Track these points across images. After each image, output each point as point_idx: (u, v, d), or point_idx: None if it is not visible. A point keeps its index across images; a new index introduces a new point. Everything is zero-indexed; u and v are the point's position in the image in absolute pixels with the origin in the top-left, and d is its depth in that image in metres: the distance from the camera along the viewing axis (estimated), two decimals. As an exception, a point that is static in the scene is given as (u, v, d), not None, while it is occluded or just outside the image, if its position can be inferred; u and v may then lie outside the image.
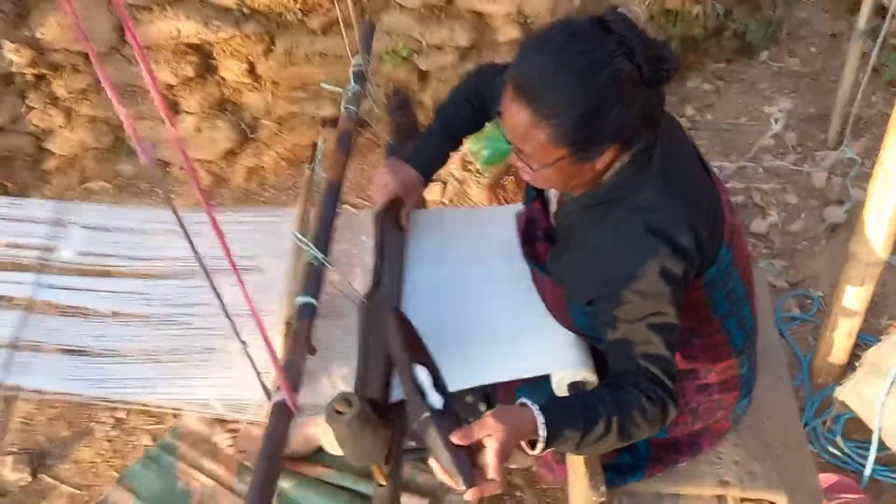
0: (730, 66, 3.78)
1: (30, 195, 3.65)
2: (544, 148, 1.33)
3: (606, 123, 1.31)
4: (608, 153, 1.36)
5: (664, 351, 1.35)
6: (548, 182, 1.45)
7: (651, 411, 1.32)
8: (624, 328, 1.37)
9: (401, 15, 3.38)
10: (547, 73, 1.29)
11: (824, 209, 3.04)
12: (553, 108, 1.29)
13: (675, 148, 1.45)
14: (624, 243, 1.38)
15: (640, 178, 1.39)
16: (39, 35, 3.28)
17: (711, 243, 1.43)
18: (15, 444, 2.60)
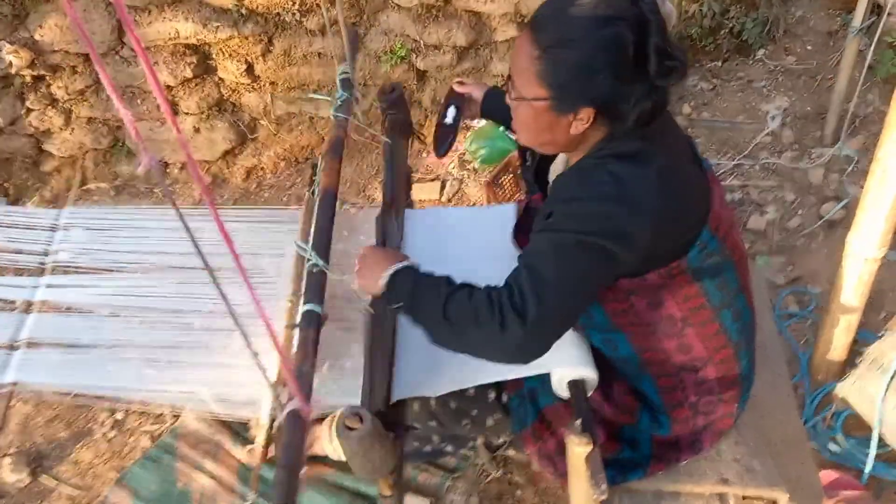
0: (726, 64, 3.78)
1: (29, 196, 3.66)
2: (529, 80, 1.37)
3: (590, 81, 1.32)
4: (583, 116, 1.37)
5: (548, 270, 1.34)
6: (523, 128, 1.47)
7: (485, 318, 1.35)
8: (536, 238, 1.40)
9: (398, 15, 3.38)
10: (559, 12, 1.34)
11: (821, 206, 3.05)
12: (550, 42, 1.33)
13: (663, 134, 1.45)
14: (583, 179, 1.42)
15: (618, 143, 1.41)
16: (38, 37, 3.29)
17: (682, 225, 1.44)
18: (14, 445, 2.60)
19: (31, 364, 1.87)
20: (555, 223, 1.38)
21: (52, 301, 2.00)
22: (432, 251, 2.02)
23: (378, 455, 1.31)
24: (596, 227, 1.34)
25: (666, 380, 1.62)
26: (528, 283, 1.33)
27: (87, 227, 2.10)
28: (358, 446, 1.27)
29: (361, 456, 1.29)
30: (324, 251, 1.57)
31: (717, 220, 1.49)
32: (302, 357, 1.36)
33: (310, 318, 1.42)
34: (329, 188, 1.73)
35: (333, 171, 1.77)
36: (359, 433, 1.25)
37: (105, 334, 1.94)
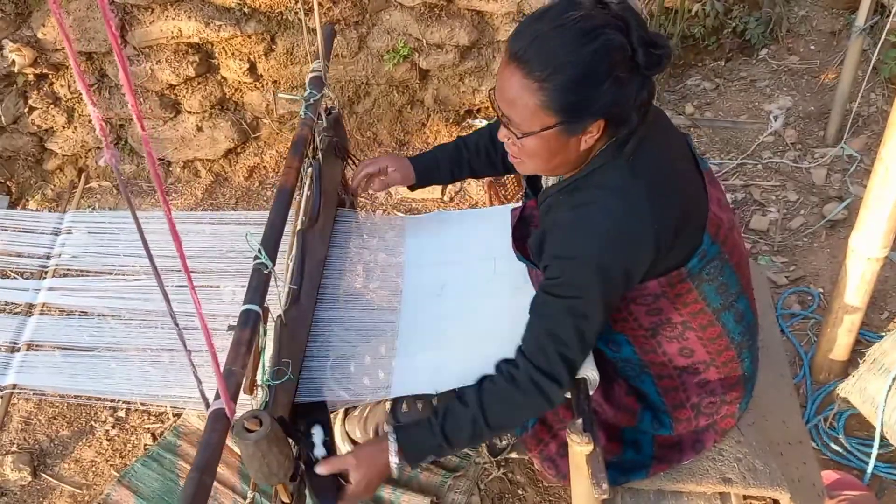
0: (729, 63, 3.78)
1: (31, 195, 3.66)
2: (534, 113, 1.34)
3: (597, 94, 1.32)
4: (593, 129, 1.36)
5: (570, 336, 1.39)
6: (533, 158, 1.44)
7: (524, 400, 1.42)
8: (547, 301, 1.42)
9: (400, 14, 3.38)
10: (541, 38, 1.32)
11: (824, 206, 3.05)
12: (545, 70, 1.31)
13: (653, 139, 1.45)
14: (580, 224, 1.41)
15: (610, 166, 1.41)
16: (41, 35, 3.29)
17: (683, 237, 1.44)
18: (15, 444, 2.60)
19: (31, 366, 1.87)
20: (560, 287, 1.40)
21: (54, 303, 2.01)
22: (435, 253, 2.03)
23: (275, 460, 1.30)
24: (600, 280, 1.37)
25: (667, 381, 1.62)
26: (553, 351, 1.40)
27: (88, 231, 2.11)
28: (255, 449, 1.26)
29: (258, 459, 1.28)
30: (272, 249, 1.53)
31: (716, 224, 1.49)
32: (232, 357, 1.34)
33: (246, 318, 1.40)
34: (285, 186, 1.71)
35: (293, 169, 1.75)
36: (256, 436, 1.25)
37: (106, 336, 1.95)
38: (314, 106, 1.92)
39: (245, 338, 1.38)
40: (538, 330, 1.42)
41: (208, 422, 1.27)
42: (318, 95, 1.93)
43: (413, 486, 2.22)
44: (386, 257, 2.11)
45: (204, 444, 1.24)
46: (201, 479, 1.18)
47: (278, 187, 1.72)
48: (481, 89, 3.54)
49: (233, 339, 1.39)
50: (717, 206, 1.51)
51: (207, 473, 1.20)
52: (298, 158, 1.81)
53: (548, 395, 1.42)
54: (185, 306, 1.93)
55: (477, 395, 1.46)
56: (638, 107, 1.36)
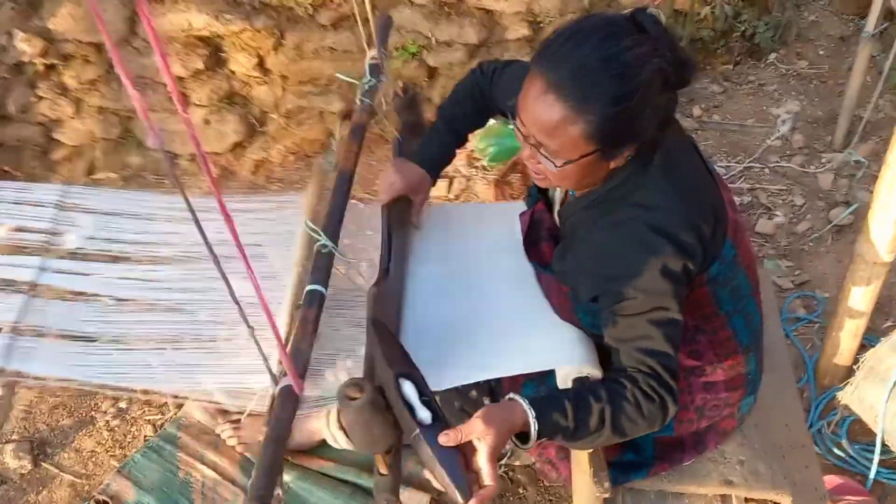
0: (738, 67, 3.77)
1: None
2: (575, 143, 1.30)
3: (638, 123, 1.30)
4: (629, 150, 1.36)
5: (665, 346, 1.36)
6: (564, 180, 1.41)
7: (647, 407, 1.34)
8: (624, 323, 1.38)
9: (410, 11, 3.38)
10: (588, 68, 1.26)
11: (830, 210, 3.04)
12: (593, 103, 1.26)
13: (675, 147, 1.45)
14: (626, 241, 1.39)
15: (641, 177, 1.40)
16: (51, 25, 3.30)
17: (714, 240, 1.43)
18: (16, 432, 2.60)
19: (34, 352, 1.86)
20: (637, 304, 1.36)
21: (58, 286, 2.00)
22: (441, 248, 2.02)
23: (377, 428, 1.29)
24: (673, 283, 1.35)
25: None
26: (658, 365, 1.35)
27: (94, 211, 2.10)
28: (357, 416, 1.26)
29: (361, 426, 1.28)
30: (334, 232, 1.56)
31: (733, 227, 1.49)
32: (300, 335, 1.36)
33: (312, 298, 1.42)
34: (346, 170, 1.72)
35: (352, 154, 1.76)
36: (359, 402, 1.24)
37: (110, 323, 1.94)
38: (371, 92, 1.93)
39: (311, 316, 1.41)
40: (633, 352, 1.37)
41: (278, 398, 1.30)
42: (374, 81, 1.93)
43: (414, 483, 2.22)
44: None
45: (275, 419, 1.27)
46: (275, 450, 1.22)
47: (339, 171, 1.73)
48: (489, 88, 3.54)
49: (299, 317, 1.42)
50: (731, 209, 1.51)
51: (280, 445, 1.24)
52: (358, 143, 1.81)
53: (666, 405, 1.35)
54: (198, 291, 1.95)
55: (609, 392, 1.35)
56: (664, 123, 1.37)
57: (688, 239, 1.36)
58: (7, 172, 3.68)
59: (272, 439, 1.22)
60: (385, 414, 1.30)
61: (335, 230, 1.58)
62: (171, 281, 1.97)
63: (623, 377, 1.36)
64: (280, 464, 1.22)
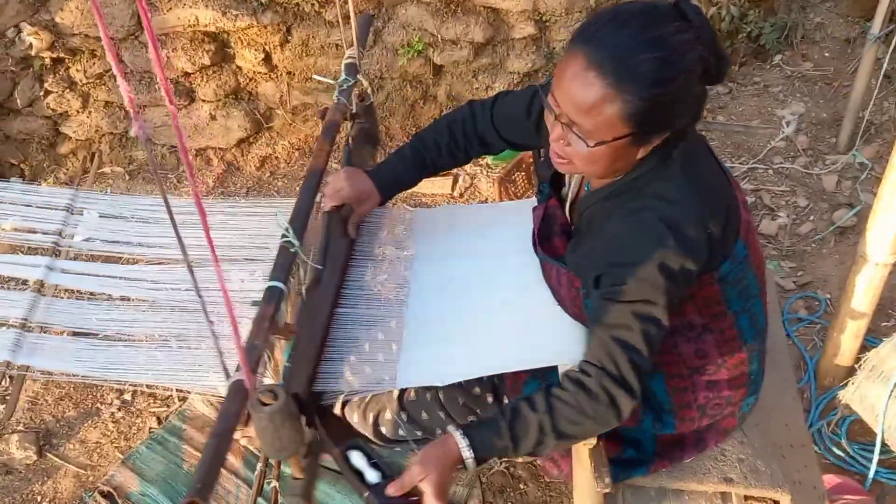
0: (743, 68, 3.78)
1: (44, 178, 3.68)
2: (611, 123, 1.28)
3: (675, 110, 1.31)
4: (657, 139, 1.35)
5: (640, 342, 1.36)
6: (592, 164, 1.39)
7: (591, 408, 1.35)
8: (609, 307, 1.38)
9: (416, 8, 3.39)
10: (633, 48, 1.25)
11: (833, 212, 3.05)
12: (634, 83, 1.25)
13: (692, 144, 1.46)
14: (635, 229, 1.39)
15: (661, 171, 1.40)
16: (59, 19, 3.31)
17: (724, 240, 1.44)
18: (22, 423, 2.62)
19: (42, 347, 1.89)
20: (626, 292, 1.36)
21: (65, 284, 2.03)
22: (444, 247, 2.03)
23: (286, 435, 1.31)
24: (666, 281, 1.35)
25: (678, 381, 1.62)
26: (624, 358, 1.35)
27: (100, 213, 2.13)
28: (268, 422, 1.27)
29: (272, 432, 1.29)
30: (301, 229, 1.55)
31: (746, 228, 1.50)
32: (255, 332, 1.36)
33: (270, 295, 1.42)
34: (315, 168, 1.73)
35: (323, 152, 1.77)
36: (270, 409, 1.26)
37: (115, 320, 1.96)
38: (347, 91, 1.93)
39: (268, 313, 1.40)
40: (605, 338, 1.37)
41: (228, 392, 1.29)
42: (352, 81, 1.94)
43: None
44: (394, 251, 2.12)
45: (223, 413, 1.26)
46: (219, 445, 1.21)
47: (308, 169, 1.74)
48: (494, 86, 3.55)
49: (256, 314, 1.41)
50: (744, 209, 1.52)
51: (224, 441, 1.23)
52: (329, 142, 1.82)
53: (618, 404, 1.35)
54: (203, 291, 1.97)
55: (546, 400, 1.38)
56: (696, 116, 1.37)
57: (695, 238, 1.36)
58: (14, 165, 3.70)
59: (218, 433, 1.21)
60: (295, 422, 1.32)
61: (302, 227, 1.58)
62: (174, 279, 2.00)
63: (571, 379, 1.38)
64: (223, 457, 1.20)
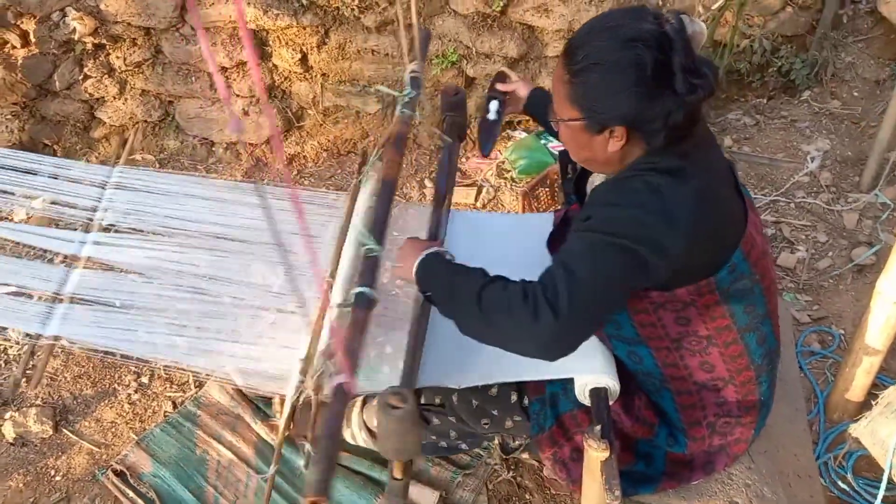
0: (771, 101, 3.81)
1: (75, 160, 3.74)
2: (563, 102, 1.47)
3: (614, 101, 1.39)
4: (617, 134, 1.43)
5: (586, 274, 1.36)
6: (566, 144, 1.56)
7: (518, 308, 1.37)
8: (572, 238, 1.44)
9: (454, 20, 3.44)
10: (587, 37, 1.42)
11: (853, 250, 3.07)
12: (578, 65, 1.41)
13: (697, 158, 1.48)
14: (620, 187, 1.47)
15: (663, 158, 1.45)
16: (103, 6, 3.38)
17: (716, 245, 1.48)
18: (40, 398, 2.67)
19: (71, 319, 1.93)
20: (591, 225, 1.42)
21: (97, 258, 2.07)
22: (471, 252, 2.07)
23: (411, 439, 1.35)
24: (630, 231, 1.38)
25: (686, 397, 1.65)
26: (562, 279, 1.36)
27: (134, 189, 2.17)
28: (398, 426, 1.31)
29: (398, 436, 1.33)
30: (380, 237, 1.62)
31: (749, 244, 1.53)
32: (352, 335, 1.40)
33: (362, 300, 1.47)
34: (389, 178, 1.78)
35: (395, 163, 1.82)
36: (401, 413, 1.29)
37: (140, 297, 2.01)
38: (411, 104, 1.99)
39: (361, 318, 1.46)
40: (556, 261, 1.41)
41: (333, 395, 1.34)
42: (415, 94, 2.00)
43: (423, 479, 2.27)
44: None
45: (332, 414, 1.31)
46: (329, 445, 1.26)
47: (383, 179, 1.79)
48: (524, 102, 3.59)
49: (352, 318, 1.46)
50: (754, 229, 1.55)
51: (334, 441, 1.29)
52: (400, 153, 1.88)
53: (540, 316, 1.35)
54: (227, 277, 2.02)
55: (491, 277, 1.47)
56: (670, 127, 1.40)
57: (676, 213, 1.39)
58: (47, 146, 3.76)
59: (327, 434, 1.26)
60: (419, 426, 1.35)
61: (381, 234, 1.63)
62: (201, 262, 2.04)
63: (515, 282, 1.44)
64: (336, 456, 1.26)
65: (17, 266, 2.07)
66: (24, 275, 2.01)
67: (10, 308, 1.94)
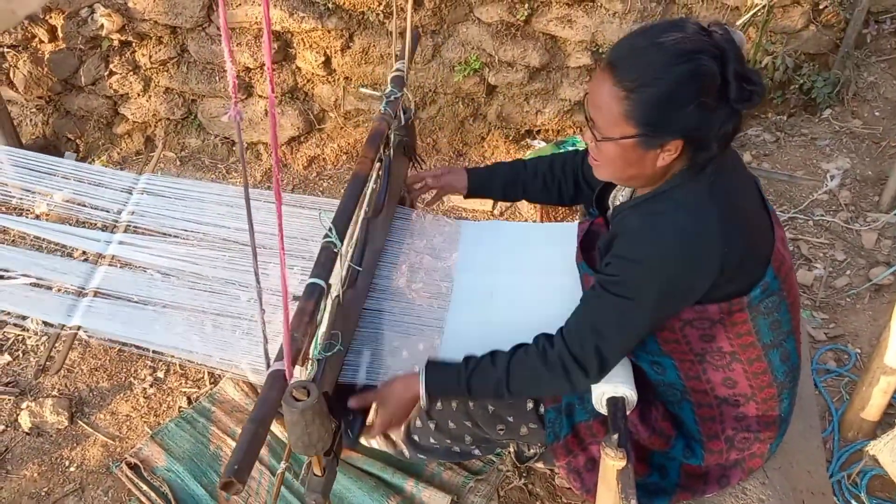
0: (792, 119, 3.81)
1: (97, 155, 3.78)
2: (616, 121, 1.41)
3: (679, 114, 1.37)
4: (671, 148, 1.41)
5: (613, 335, 1.44)
6: (609, 164, 1.50)
7: (548, 377, 1.49)
8: (599, 293, 1.46)
9: (477, 28, 3.46)
10: (638, 50, 1.38)
11: (871, 269, 3.06)
12: (634, 81, 1.37)
13: (730, 171, 1.50)
14: (649, 230, 1.46)
15: (689, 187, 1.45)
16: (131, 4, 3.42)
17: (747, 267, 1.48)
18: (56, 388, 2.69)
19: (94, 312, 1.97)
20: (619, 287, 1.44)
21: (121, 257, 2.11)
22: (488, 260, 2.08)
23: (316, 431, 1.35)
24: (660, 292, 1.42)
25: (706, 410, 1.65)
26: (590, 342, 1.45)
27: (158, 194, 2.22)
28: (300, 417, 1.31)
29: (302, 428, 1.32)
30: (343, 230, 1.61)
31: (779, 260, 1.53)
32: (296, 324, 1.40)
33: (311, 291, 1.47)
34: (360, 174, 1.80)
35: (367, 159, 1.85)
36: (302, 405, 1.30)
37: (160, 294, 2.04)
38: (394, 103, 2.01)
39: (308, 308, 1.45)
40: (583, 319, 1.47)
41: (268, 380, 1.34)
42: (398, 94, 2.02)
43: (435, 483, 2.26)
44: (431, 260, 2.17)
45: (262, 399, 1.31)
46: (257, 430, 1.26)
47: (353, 174, 1.81)
48: (545, 111, 3.60)
49: (297, 308, 1.45)
50: (781, 244, 1.55)
51: (262, 426, 1.28)
52: (374, 150, 1.89)
53: (573, 380, 1.49)
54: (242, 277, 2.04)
55: (507, 361, 1.55)
56: (721, 136, 1.40)
57: (706, 253, 1.41)
58: (69, 140, 3.80)
59: (256, 419, 1.26)
60: (324, 420, 1.35)
61: (344, 228, 1.63)
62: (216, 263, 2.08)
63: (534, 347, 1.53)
64: (261, 443, 1.26)
65: (39, 259, 2.12)
66: (47, 267, 2.06)
67: (35, 298, 1.98)
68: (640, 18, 3.37)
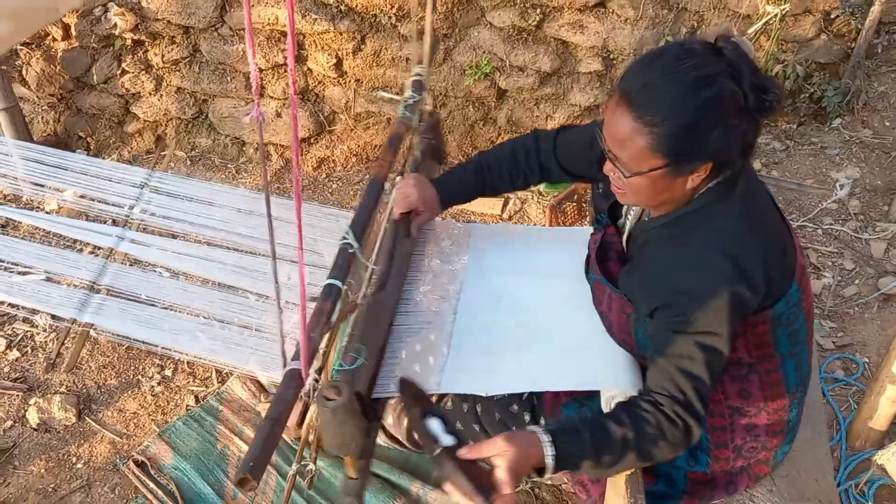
0: (801, 127, 3.81)
1: (108, 153, 3.79)
2: (642, 155, 1.37)
3: (706, 140, 1.35)
4: (700, 172, 1.40)
5: (703, 372, 1.40)
6: (638, 194, 1.47)
7: (670, 431, 1.39)
8: (673, 339, 1.43)
9: (489, 32, 3.47)
10: (654, 83, 1.35)
11: (879, 279, 3.05)
12: (656, 115, 1.34)
13: (754, 185, 1.51)
14: (697, 261, 1.44)
15: (722, 206, 1.45)
16: (145, 3, 3.44)
17: (780, 280, 1.48)
18: (65, 385, 2.70)
19: (106, 309, 1.98)
20: (691, 323, 1.41)
21: (133, 254, 2.12)
22: (498, 263, 2.08)
23: (349, 431, 1.35)
24: (731, 314, 1.39)
25: (718, 419, 1.64)
26: (689, 387, 1.40)
27: (169, 193, 2.22)
28: (331, 417, 1.31)
29: (334, 428, 1.33)
30: (360, 232, 1.61)
31: (801, 271, 1.53)
32: (313, 325, 1.40)
33: (328, 292, 1.47)
34: (377, 177, 1.80)
35: (386, 162, 1.85)
36: (334, 404, 1.30)
37: (169, 292, 2.05)
38: (413, 107, 2.01)
39: (326, 309, 1.46)
40: (668, 367, 1.42)
41: (284, 379, 1.35)
42: (418, 98, 2.02)
43: (441, 485, 2.27)
44: (440, 264, 2.17)
45: (278, 398, 1.31)
46: (272, 428, 1.26)
47: (371, 177, 1.81)
48: (555, 116, 3.61)
49: (315, 308, 1.46)
50: (800, 254, 1.56)
51: (278, 424, 1.28)
52: (393, 153, 1.89)
53: (691, 431, 1.40)
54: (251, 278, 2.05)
55: (630, 417, 1.40)
56: (745, 150, 1.40)
57: (755, 273, 1.41)
58: (80, 138, 3.82)
59: (272, 418, 1.26)
60: (358, 419, 1.35)
61: (361, 230, 1.63)
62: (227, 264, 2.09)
63: (646, 401, 1.42)
64: (276, 441, 1.25)
65: (50, 254, 2.13)
66: (58, 263, 2.06)
67: (45, 294, 1.99)
68: (652, 25, 3.38)
